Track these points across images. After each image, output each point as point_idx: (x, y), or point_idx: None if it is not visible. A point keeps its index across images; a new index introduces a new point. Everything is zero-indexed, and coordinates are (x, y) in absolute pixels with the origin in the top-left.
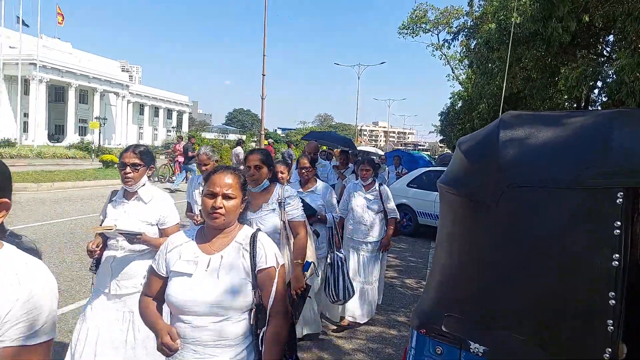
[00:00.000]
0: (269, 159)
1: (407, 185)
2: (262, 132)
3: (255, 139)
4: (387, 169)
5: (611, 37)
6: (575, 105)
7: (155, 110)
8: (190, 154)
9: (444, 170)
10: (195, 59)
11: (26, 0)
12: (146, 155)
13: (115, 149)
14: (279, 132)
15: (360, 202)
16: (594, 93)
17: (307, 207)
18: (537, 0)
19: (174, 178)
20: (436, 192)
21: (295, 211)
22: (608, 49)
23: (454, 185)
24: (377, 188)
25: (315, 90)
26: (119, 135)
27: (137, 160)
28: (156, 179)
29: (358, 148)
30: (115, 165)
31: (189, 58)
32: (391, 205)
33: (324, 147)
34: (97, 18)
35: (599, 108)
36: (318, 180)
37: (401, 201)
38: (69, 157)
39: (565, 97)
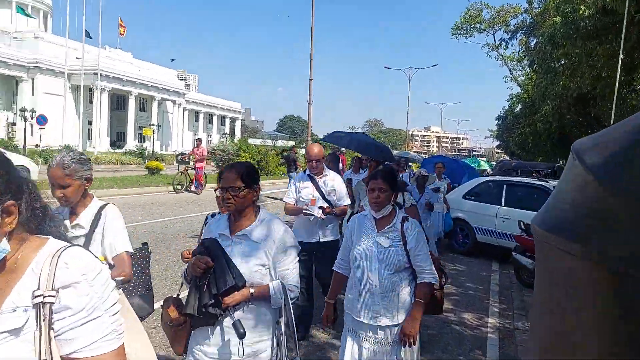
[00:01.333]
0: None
1: (463, 196)
2: (309, 138)
3: (304, 145)
4: (437, 182)
5: None
6: None
7: (210, 117)
8: (297, 164)
9: (505, 181)
10: (250, 67)
11: (90, 14)
12: None
13: (170, 156)
14: None
15: (366, 250)
16: None
17: (222, 278)
18: None
19: (192, 187)
20: (497, 206)
21: (88, 330)
22: None
23: (574, 238)
24: (399, 226)
25: (365, 95)
26: (175, 141)
27: None
28: (171, 189)
29: (394, 152)
30: (161, 172)
31: (245, 66)
32: (423, 258)
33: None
34: (157, 28)
35: None
36: (262, 211)
37: (457, 215)
38: (124, 163)
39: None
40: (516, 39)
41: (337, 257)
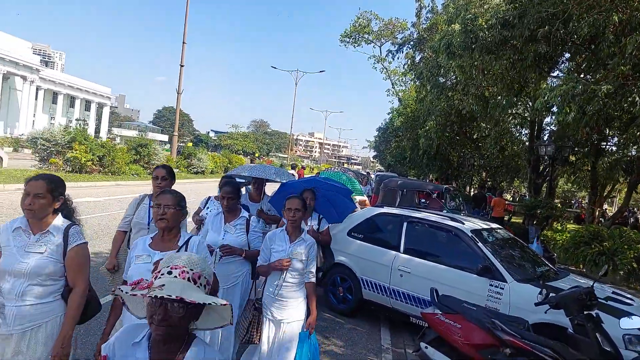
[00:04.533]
0: None
1: (348, 234)
2: (176, 133)
3: (170, 143)
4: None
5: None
6: (527, 131)
7: (72, 100)
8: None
9: (406, 216)
10: (129, 53)
11: None
12: None
13: (13, 140)
14: (212, 134)
15: None
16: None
17: None
18: None
19: None
20: (394, 252)
21: None
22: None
23: None
24: None
25: (251, 94)
26: (23, 124)
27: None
28: None
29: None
30: None
31: (124, 51)
32: None
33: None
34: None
35: (551, 137)
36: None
37: (338, 258)
38: None
39: (516, 121)
40: (402, 52)
41: None
